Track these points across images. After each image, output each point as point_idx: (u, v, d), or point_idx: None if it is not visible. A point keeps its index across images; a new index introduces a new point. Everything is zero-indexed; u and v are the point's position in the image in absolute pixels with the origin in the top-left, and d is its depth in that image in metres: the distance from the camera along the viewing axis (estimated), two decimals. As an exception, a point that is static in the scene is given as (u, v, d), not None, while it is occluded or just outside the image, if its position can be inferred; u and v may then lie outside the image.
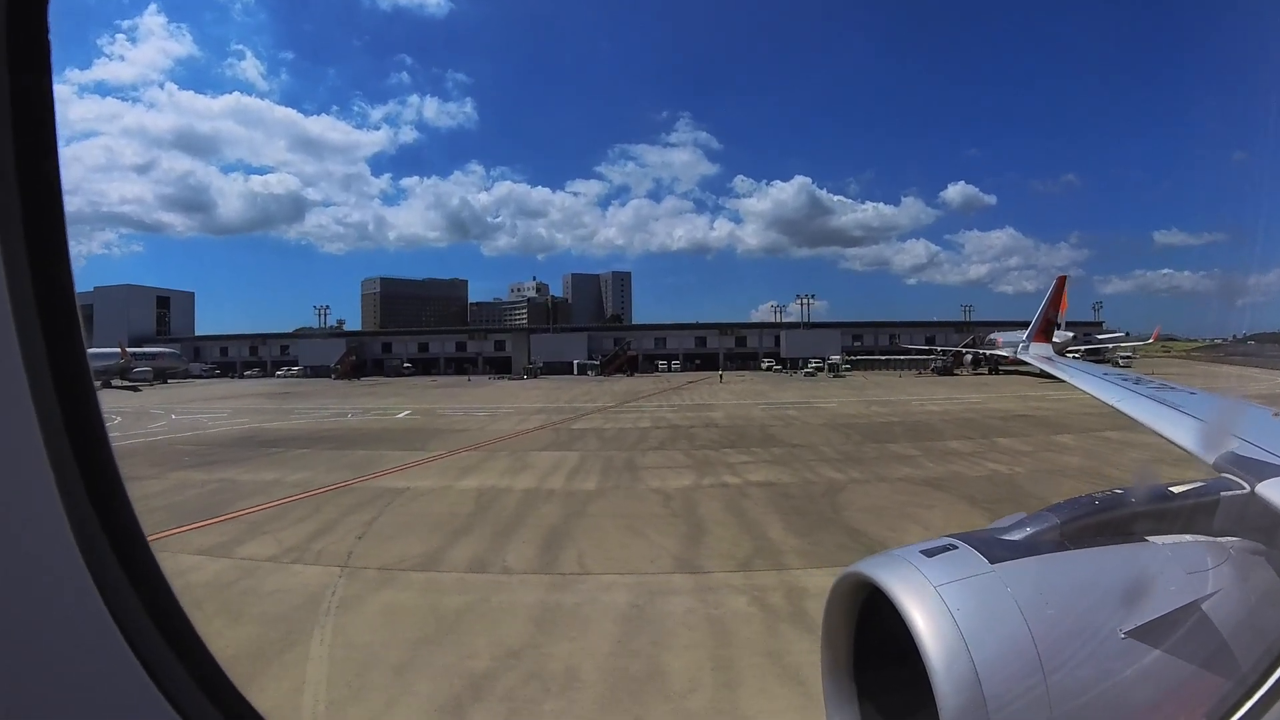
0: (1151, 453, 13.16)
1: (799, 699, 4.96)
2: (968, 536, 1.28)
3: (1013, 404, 30.45)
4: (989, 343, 60.48)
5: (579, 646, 6.03)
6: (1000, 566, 1.18)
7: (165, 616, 0.86)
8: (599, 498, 12.18)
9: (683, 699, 5.05)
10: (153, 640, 0.83)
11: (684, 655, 5.74)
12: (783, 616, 6.53)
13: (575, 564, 8.40)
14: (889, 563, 1.21)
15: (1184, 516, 1.42)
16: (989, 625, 1.09)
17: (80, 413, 0.78)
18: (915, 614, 1.10)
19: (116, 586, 0.80)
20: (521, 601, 7.21)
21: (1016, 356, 49.86)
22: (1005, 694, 1.03)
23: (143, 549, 0.87)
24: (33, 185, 0.73)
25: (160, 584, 0.88)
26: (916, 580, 1.15)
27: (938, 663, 1.04)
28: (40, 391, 0.73)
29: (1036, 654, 1.07)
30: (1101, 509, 1.39)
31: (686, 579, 7.70)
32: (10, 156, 0.71)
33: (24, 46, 0.73)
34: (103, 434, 0.83)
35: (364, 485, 13.77)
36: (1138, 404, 2.79)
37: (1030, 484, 12.94)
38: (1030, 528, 1.32)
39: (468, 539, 9.68)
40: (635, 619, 6.60)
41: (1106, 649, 1.11)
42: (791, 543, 9.04)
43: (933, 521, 9.99)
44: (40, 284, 0.74)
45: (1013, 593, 1.13)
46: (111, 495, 0.82)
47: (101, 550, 0.79)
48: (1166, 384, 3.11)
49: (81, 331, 0.80)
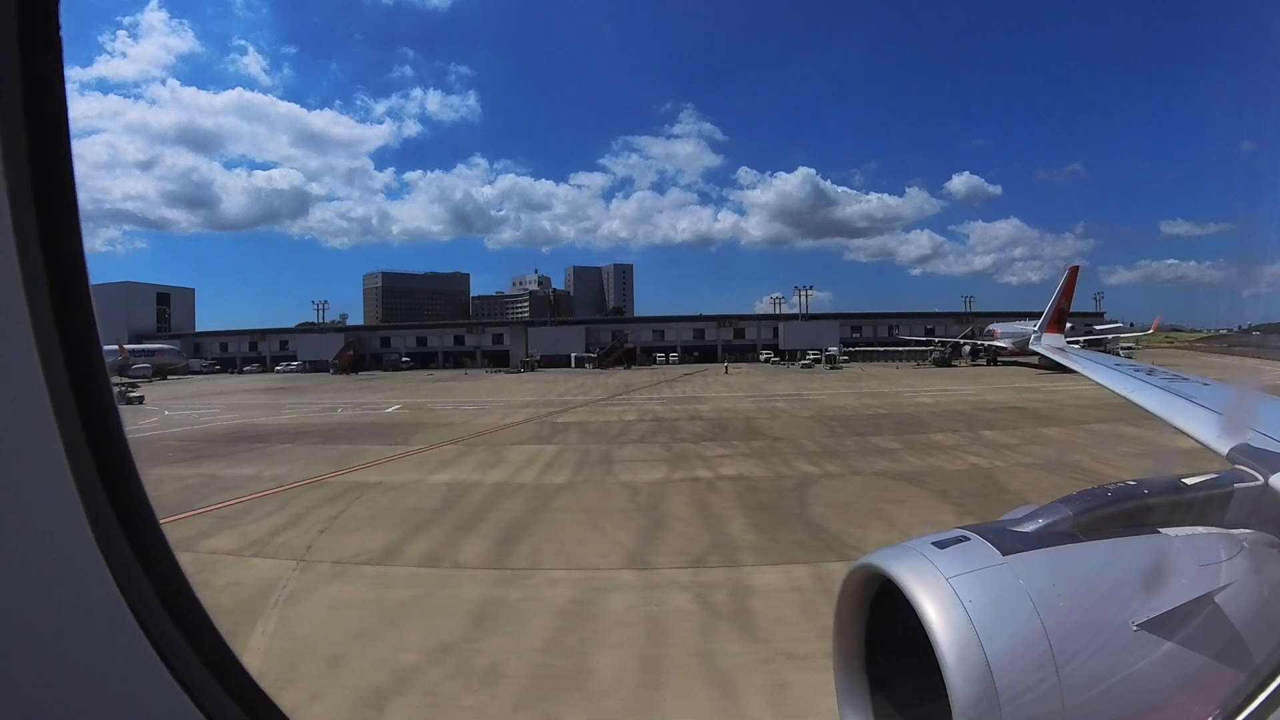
0: (1138, 446, 12.90)
1: (718, 701, 4.89)
2: (980, 528, 1.26)
3: (1006, 396, 30.20)
4: (988, 334, 59.93)
5: (511, 643, 5.99)
6: (1012, 558, 1.17)
7: (181, 609, 0.87)
8: (566, 492, 12.13)
9: (600, 699, 4.99)
10: (169, 634, 0.83)
11: (612, 654, 5.68)
12: (723, 615, 6.46)
13: (527, 559, 8.36)
14: (901, 554, 1.20)
15: (1197, 508, 1.40)
16: (1001, 617, 1.08)
17: (95, 408, 0.78)
18: (927, 605, 1.09)
19: (133, 580, 0.80)
20: (465, 596, 7.18)
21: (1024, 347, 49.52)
22: (1017, 685, 1.03)
23: (159, 543, 0.87)
24: (46, 178, 0.73)
25: (176, 577, 0.89)
26: (929, 572, 1.14)
27: (950, 654, 1.04)
28: (56, 386, 0.73)
29: (1049, 646, 1.06)
30: (1114, 500, 1.37)
31: (634, 575, 7.64)
32: (22, 146, 0.70)
33: (35, 31, 0.72)
34: (118, 428, 0.83)
35: (338, 480, 13.78)
36: (1150, 395, 2.76)
37: (1007, 479, 12.72)
38: (1042, 519, 1.30)
39: (427, 533, 9.66)
40: (574, 615, 6.55)
41: (1119, 641, 1.11)
42: (749, 539, 8.96)
43: (899, 518, 9.87)
44: (55, 279, 0.73)
45: (1025, 584, 1.13)
46: (127, 489, 0.82)
47: (118, 543, 0.79)
48: (1179, 375, 3.07)
49: (97, 326, 0.80)
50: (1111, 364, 4.02)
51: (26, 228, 0.70)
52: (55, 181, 0.74)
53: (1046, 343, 7.81)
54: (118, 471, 0.82)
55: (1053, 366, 45.88)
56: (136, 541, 0.82)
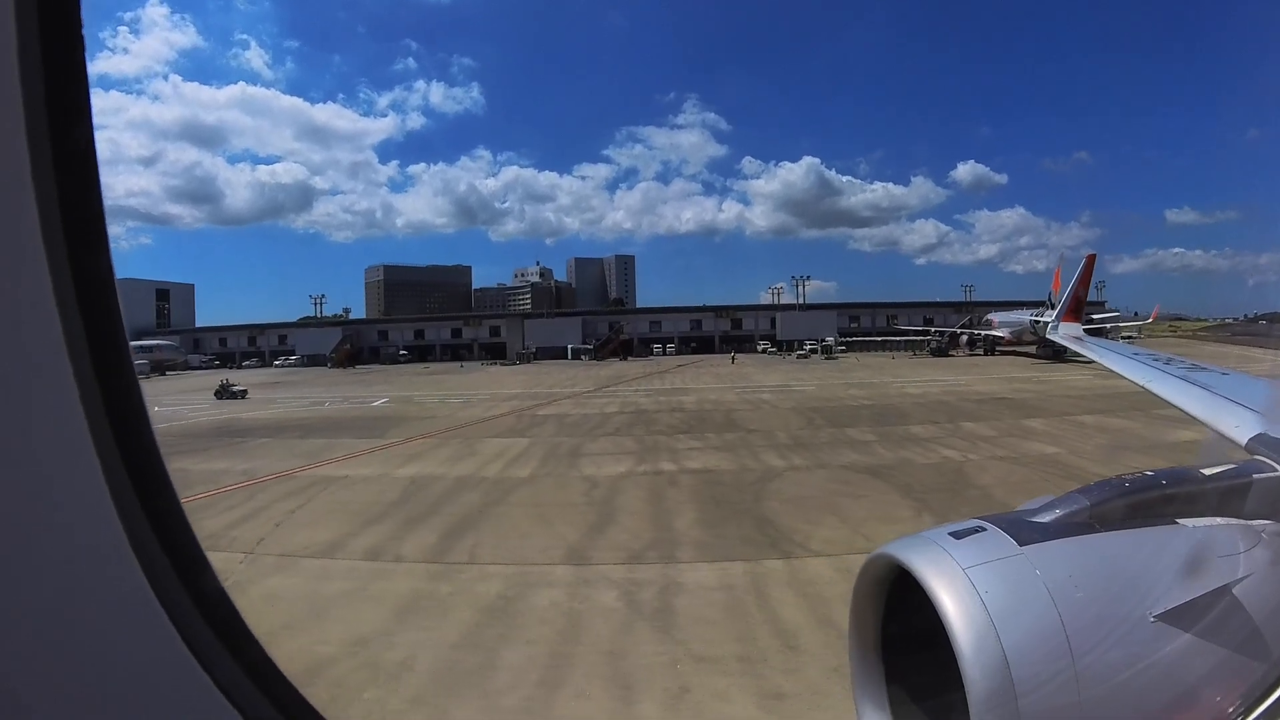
0: (1120, 439, 12.68)
1: (613, 703, 4.86)
2: (996, 518, 1.26)
3: (997, 386, 29.91)
4: (985, 323, 59.35)
5: (427, 637, 5.99)
6: (1029, 549, 1.17)
7: (213, 607, 0.87)
8: (526, 485, 12.12)
9: (497, 696, 4.98)
10: (201, 631, 0.83)
11: (523, 650, 5.66)
12: (645, 614, 6.41)
13: (467, 554, 8.35)
14: (917, 544, 1.21)
15: (1216, 499, 1.39)
16: (1017, 608, 1.08)
17: (123, 404, 0.79)
18: (943, 596, 1.09)
19: (164, 576, 0.80)
20: (396, 590, 7.19)
21: (1021, 336, 48.88)
22: (1034, 677, 1.03)
23: (188, 538, 0.88)
24: (69, 175, 0.73)
25: (207, 573, 0.89)
26: (945, 562, 1.14)
27: (966, 645, 1.04)
28: (85, 383, 0.73)
29: (1065, 637, 1.06)
30: (1132, 491, 1.35)
31: (568, 571, 7.61)
32: (46, 144, 0.70)
33: (57, 25, 0.72)
34: (147, 424, 0.83)
35: (306, 473, 13.85)
36: (1168, 384, 2.72)
37: (977, 473, 12.51)
38: (1059, 510, 1.30)
39: (377, 527, 9.68)
40: (497, 611, 6.54)
41: (1136, 633, 1.11)
42: (694, 535, 8.90)
43: (852, 514, 9.75)
44: (80, 273, 0.74)
45: (1041, 575, 1.12)
46: (156, 485, 0.83)
47: (147, 539, 0.79)
48: (1198, 364, 3.02)
49: (122, 317, 0.80)
50: (1129, 353, 3.98)
51: (53, 228, 0.71)
52: (81, 178, 0.75)
53: (1064, 331, 7.74)
54: (147, 471, 0.82)
55: (1050, 356, 45.57)
56: (165, 538, 0.82)
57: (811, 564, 7.63)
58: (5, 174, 0.68)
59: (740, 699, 4.84)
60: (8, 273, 0.69)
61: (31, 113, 0.69)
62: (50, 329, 0.70)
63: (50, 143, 0.70)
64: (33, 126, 0.69)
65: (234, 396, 33.15)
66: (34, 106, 0.69)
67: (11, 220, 0.68)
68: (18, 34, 0.67)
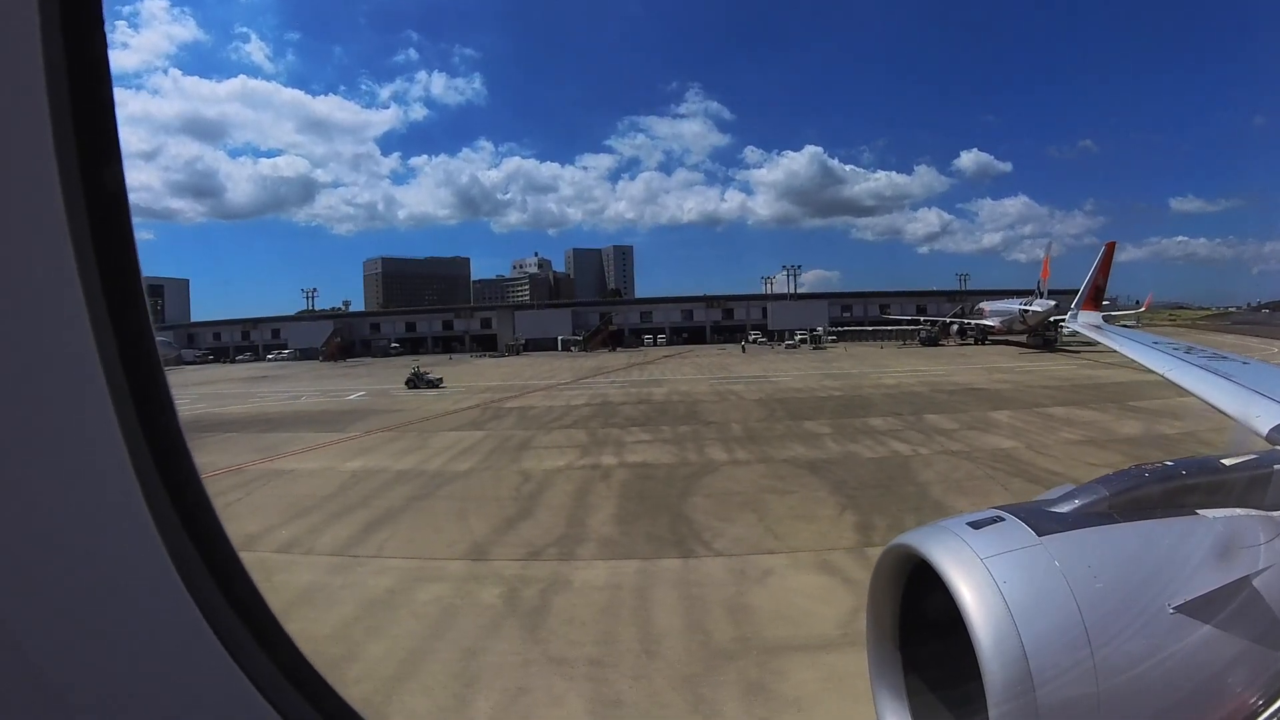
0: (1086, 431, 12.46)
1: (451, 700, 4.95)
2: (1015, 508, 1.25)
3: (976, 376, 29.76)
4: (977, 312, 58.84)
5: (302, 629, 5.96)
6: (1048, 539, 1.16)
7: (250, 610, 0.88)
8: (460, 479, 12.25)
9: (350, 686, 5.08)
10: (240, 634, 0.84)
11: (387, 644, 5.78)
12: (522, 611, 6.51)
13: (375, 547, 8.49)
14: (936, 534, 1.20)
15: (1236, 490, 1.38)
16: (1036, 598, 1.08)
17: (152, 402, 0.79)
18: (962, 586, 1.08)
19: (200, 580, 0.80)
20: (294, 582, 7.32)
21: (1012, 325, 48.48)
22: (1052, 667, 1.02)
23: (222, 541, 0.88)
24: (95, 172, 0.73)
25: (241, 575, 0.89)
26: (963, 552, 1.13)
27: (984, 635, 1.03)
28: (116, 386, 0.73)
29: (1084, 628, 1.06)
30: (1151, 481, 1.35)
31: (464, 566, 7.73)
32: (71, 141, 0.70)
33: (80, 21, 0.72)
34: (175, 423, 0.83)
35: (256, 468, 14.02)
36: (1188, 373, 2.71)
37: (921, 467, 12.28)
38: (1078, 500, 1.29)
39: (303, 520, 9.84)
40: (379, 604, 6.67)
41: (1155, 624, 1.09)
42: (604, 531, 8.99)
43: (772, 510, 9.75)
44: (107, 271, 0.74)
45: (1060, 566, 1.12)
46: (187, 486, 0.83)
47: (181, 543, 0.79)
48: (1219, 353, 3.02)
49: (149, 314, 0.81)
50: (1150, 341, 3.95)
51: (80, 227, 0.71)
52: (105, 175, 0.75)
53: (1083, 320, 7.69)
54: (177, 468, 0.81)
55: (1039, 345, 45.06)
56: (195, 534, 0.82)
57: (708, 564, 7.63)
58: (33, 172, 0.68)
59: (573, 703, 4.86)
60: (37, 273, 0.69)
61: (57, 113, 0.69)
62: (78, 324, 0.71)
63: (75, 144, 0.70)
64: (58, 128, 0.69)
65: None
66: (59, 108, 0.69)
67: (36, 221, 0.69)
68: (43, 47, 0.67)
